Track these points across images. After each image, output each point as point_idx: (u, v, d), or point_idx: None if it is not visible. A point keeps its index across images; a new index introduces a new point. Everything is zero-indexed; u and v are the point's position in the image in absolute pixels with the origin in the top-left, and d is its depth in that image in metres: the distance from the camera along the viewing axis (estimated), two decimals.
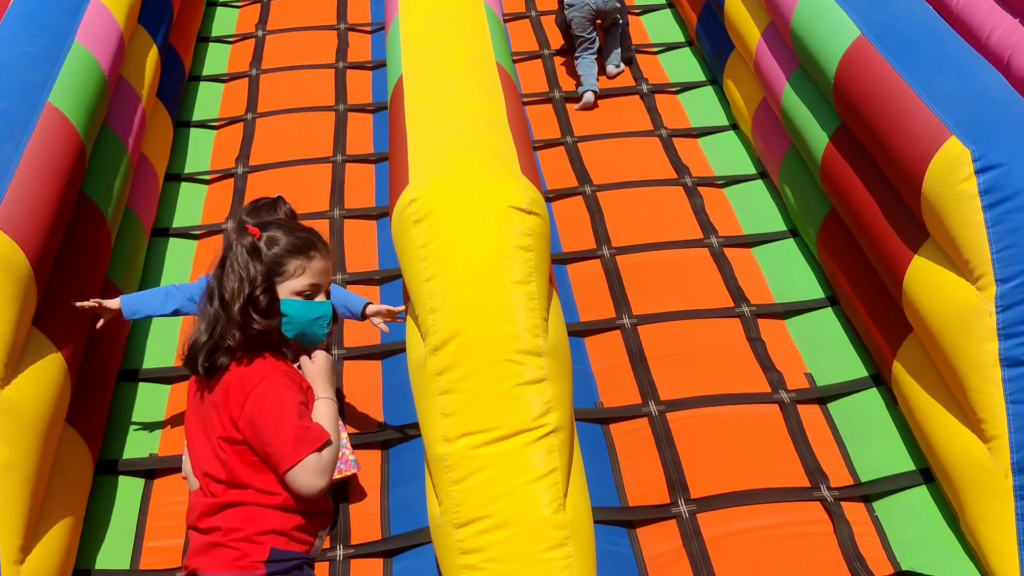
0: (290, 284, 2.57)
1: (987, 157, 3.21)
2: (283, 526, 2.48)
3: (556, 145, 5.38)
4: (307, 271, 2.59)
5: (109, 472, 3.66)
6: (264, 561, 2.47)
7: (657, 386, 3.92)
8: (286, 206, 3.35)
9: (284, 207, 3.33)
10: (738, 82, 5.36)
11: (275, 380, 2.56)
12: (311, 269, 2.60)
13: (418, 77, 3.63)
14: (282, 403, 2.50)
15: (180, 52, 5.74)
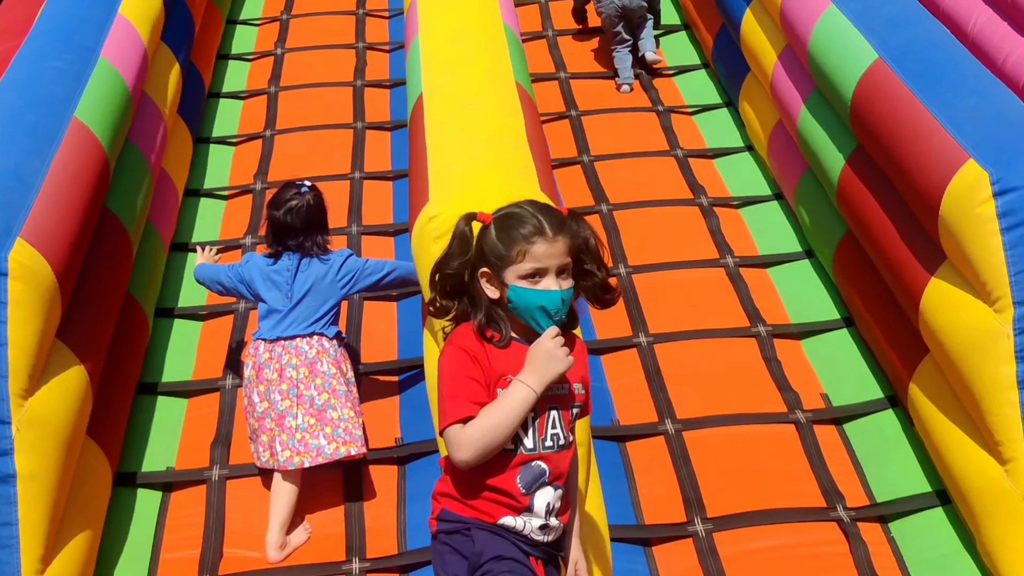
0: (514, 269, 2.48)
1: (1005, 180, 3.22)
2: (451, 490, 2.55)
3: (573, 164, 5.41)
4: (528, 255, 2.49)
5: (127, 484, 3.68)
6: (435, 518, 2.60)
7: (674, 404, 3.93)
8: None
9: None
10: (753, 104, 5.38)
11: (447, 351, 2.56)
12: (532, 254, 2.50)
13: (438, 95, 3.67)
14: (443, 373, 2.54)
15: (200, 69, 5.80)
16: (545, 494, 2.51)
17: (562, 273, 2.49)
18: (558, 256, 2.49)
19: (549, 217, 2.52)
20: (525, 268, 2.46)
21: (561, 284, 2.48)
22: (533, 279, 2.47)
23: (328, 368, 3.57)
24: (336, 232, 4.82)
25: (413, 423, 3.84)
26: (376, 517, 3.53)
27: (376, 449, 3.76)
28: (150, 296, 4.36)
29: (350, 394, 3.59)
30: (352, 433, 3.49)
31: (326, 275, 3.70)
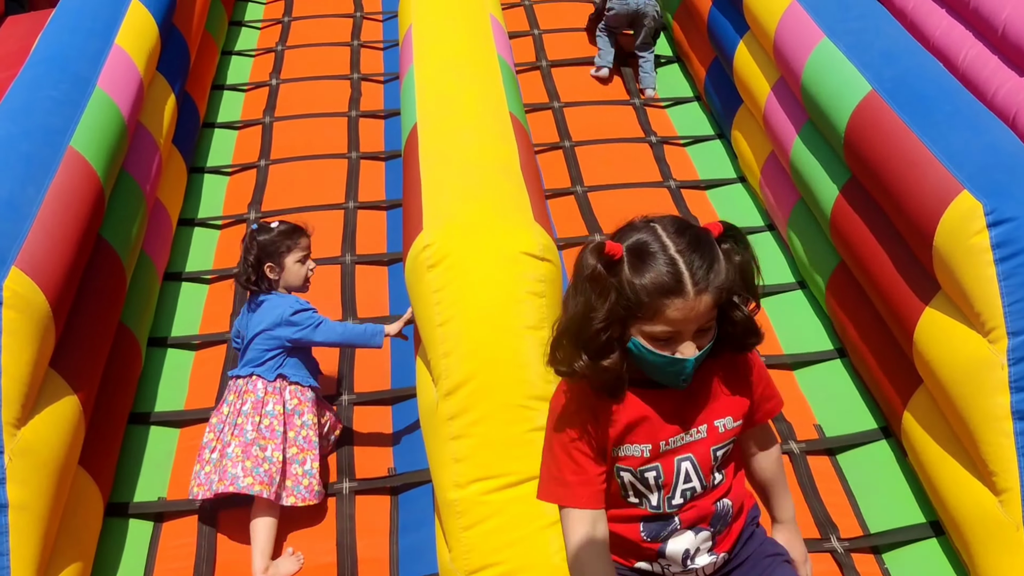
0: (642, 324, 2.04)
1: (999, 211, 3.24)
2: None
3: (567, 194, 5.43)
4: (659, 316, 2.02)
5: (119, 514, 3.66)
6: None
7: None
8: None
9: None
10: (746, 135, 5.42)
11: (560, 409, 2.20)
12: (665, 317, 2.02)
13: (433, 125, 3.69)
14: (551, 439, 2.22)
15: (196, 99, 5.82)
16: (681, 540, 2.27)
17: (701, 332, 2.08)
18: (697, 320, 2.05)
19: (693, 261, 2.01)
20: (655, 330, 2.05)
21: (698, 346, 2.07)
22: (663, 343, 2.07)
23: (250, 409, 3.58)
24: (330, 262, 4.84)
25: (406, 453, 3.83)
26: (369, 547, 3.51)
27: (369, 479, 3.74)
28: (143, 325, 4.35)
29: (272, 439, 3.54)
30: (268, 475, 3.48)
31: (268, 319, 3.66)
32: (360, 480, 3.74)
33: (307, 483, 3.50)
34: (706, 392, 2.19)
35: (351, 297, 4.65)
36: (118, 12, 4.92)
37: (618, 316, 2.08)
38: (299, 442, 3.56)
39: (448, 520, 2.99)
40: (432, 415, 3.11)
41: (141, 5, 5.08)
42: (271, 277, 3.70)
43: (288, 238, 3.72)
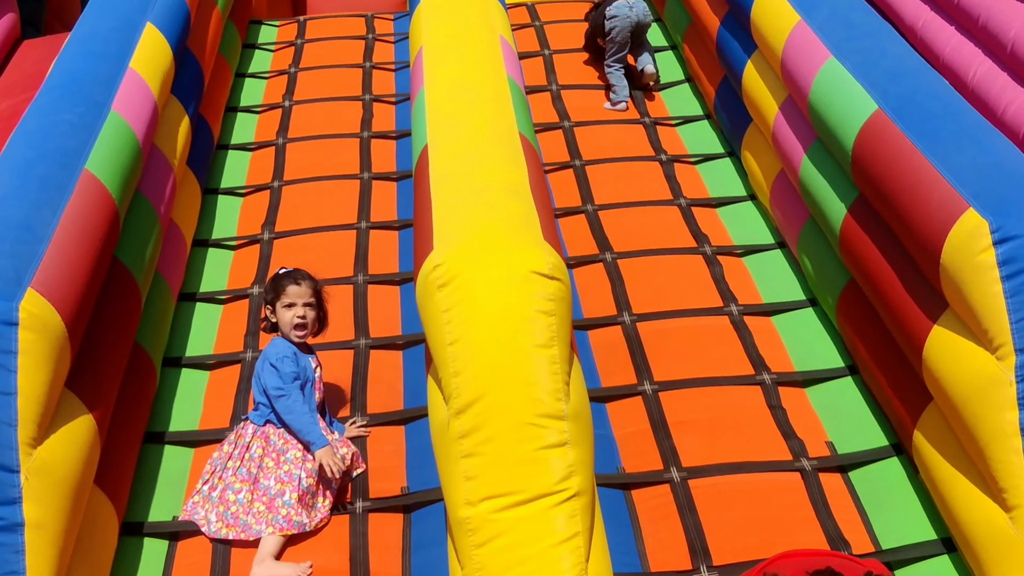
0: None
1: (1005, 228, 3.26)
2: None
3: (577, 213, 5.46)
4: None
5: (134, 534, 3.69)
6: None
7: (679, 452, 3.94)
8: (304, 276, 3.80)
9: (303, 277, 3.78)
10: (756, 154, 5.44)
11: None
12: None
13: (443, 146, 3.73)
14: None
15: (210, 121, 5.88)
16: None
17: None
18: None
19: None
20: None
21: None
22: None
23: (236, 452, 3.72)
24: (343, 282, 4.88)
25: (419, 472, 3.85)
26: (382, 564, 3.52)
27: (382, 498, 3.77)
28: (158, 345, 4.39)
29: (247, 481, 3.65)
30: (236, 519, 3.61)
31: (258, 362, 3.84)
32: (374, 499, 3.76)
33: (284, 513, 3.58)
34: None
35: (363, 316, 4.68)
36: (132, 36, 4.99)
37: None
38: (281, 476, 3.64)
39: (460, 538, 3.02)
40: (443, 434, 3.14)
41: (155, 29, 5.15)
42: (272, 320, 3.88)
43: (276, 283, 3.86)
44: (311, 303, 3.84)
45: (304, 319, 3.81)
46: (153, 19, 5.20)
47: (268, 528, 3.54)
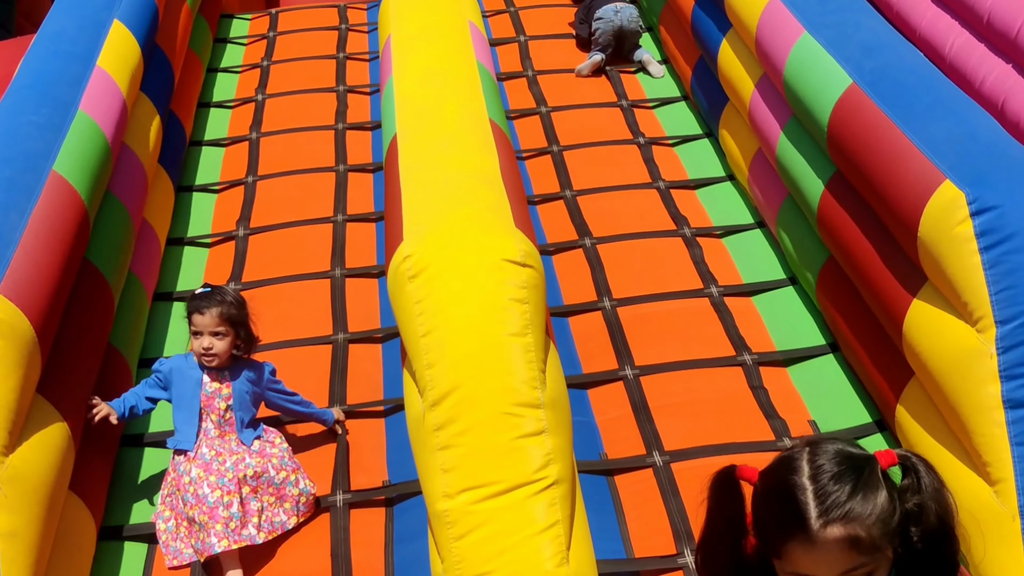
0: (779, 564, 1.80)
1: (982, 199, 3.23)
2: None
3: (556, 199, 5.42)
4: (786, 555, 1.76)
5: (113, 538, 3.65)
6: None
7: (661, 436, 3.91)
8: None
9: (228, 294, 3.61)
10: (733, 134, 5.41)
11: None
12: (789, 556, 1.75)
13: (412, 135, 3.68)
14: None
15: (181, 118, 5.82)
16: None
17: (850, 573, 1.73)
18: (833, 562, 1.71)
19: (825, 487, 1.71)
20: (787, 571, 1.78)
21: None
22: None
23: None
24: (320, 276, 4.84)
25: (400, 464, 3.81)
26: (364, 559, 3.49)
27: (363, 490, 3.73)
28: (133, 347, 4.34)
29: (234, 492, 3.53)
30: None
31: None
32: (354, 492, 3.73)
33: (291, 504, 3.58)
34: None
35: (342, 310, 4.64)
36: (99, 34, 4.93)
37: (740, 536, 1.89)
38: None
39: (439, 531, 2.98)
40: (419, 426, 3.10)
41: (123, 26, 5.08)
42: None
43: (188, 306, 3.66)
44: (219, 332, 3.56)
45: (210, 349, 3.56)
46: (120, 16, 5.14)
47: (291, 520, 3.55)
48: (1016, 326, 3.16)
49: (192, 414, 3.60)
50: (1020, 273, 3.17)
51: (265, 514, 3.52)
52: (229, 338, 3.60)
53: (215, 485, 3.47)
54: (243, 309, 3.65)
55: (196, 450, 3.57)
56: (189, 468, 3.52)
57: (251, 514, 3.47)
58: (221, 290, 3.67)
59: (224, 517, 3.43)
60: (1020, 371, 3.15)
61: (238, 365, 3.68)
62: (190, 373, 3.63)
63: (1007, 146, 3.44)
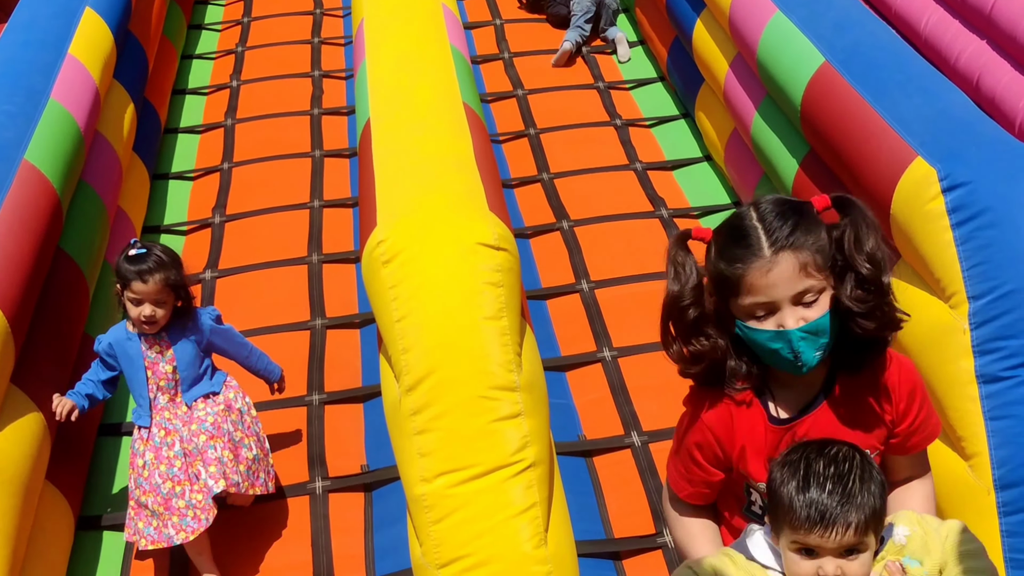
0: (737, 303, 1.97)
1: (954, 176, 3.23)
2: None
3: (533, 182, 5.41)
4: (744, 286, 1.93)
5: (92, 528, 3.64)
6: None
7: (639, 417, 3.92)
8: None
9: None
10: (709, 114, 5.40)
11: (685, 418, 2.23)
12: (747, 285, 1.93)
13: (385, 119, 3.66)
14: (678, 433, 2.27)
15: (156, 105, 5.78)
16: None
17: (805, 300, 1.94)
18: (786, 282, 1.92)
19: (771, 223, 1.94)
20: (746, 303, 1.97)
21: (802, 317, 1.93)
22: (761, 317, 1.97)
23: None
24: (297, 262, 4.82)
25: (379, 449, 3.82)
26: (344, 544, 3.50)
27: (342, 476, 3.73)
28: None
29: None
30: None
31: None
32: (333, 478, 3.73)
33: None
34: (847, 415, 2.04)
35: (319, 296, 4.63)
36: (71, 22, 4.89)
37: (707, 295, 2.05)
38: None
39: (417, 515, 2.98)
40: (396, 411, 3.09)
41: (94, 14, 5.04)
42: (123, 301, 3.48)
43: (121, 270, 3.38)
44: (160, 299, 3.36)
45: (152, 317, 3.36)
46: (92, 4, 5.10)
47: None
48: (988, 301, 3.17)
49: (141, 386, 3.44)
50: (992, 249, 3.18)
51: (224, 473, 3.33)
52: (170, 303, 3.41)
53: (166, 476, 3.34)
54: (181, 268, 3.45)
55: (150, 429, 3.42)
56: (143, 450, 3.40)
57: (207, 487, 3.31)
58: (157, 249, 3.42)
59: (179, 508, 3.31)
60: (993, 346, 3.16)
61: (176, 322, 3.46)
62: (130, 345, 3.43)
63: (978, 122, 3.45)
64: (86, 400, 3.46)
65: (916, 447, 2.21)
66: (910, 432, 2.19)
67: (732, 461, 2.16)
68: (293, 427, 3.95)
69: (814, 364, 2.01)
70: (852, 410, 2.08)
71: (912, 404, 2.16)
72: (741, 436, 2.12)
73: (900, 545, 2.00)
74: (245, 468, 3.42)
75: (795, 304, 1.95)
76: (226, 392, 3.54)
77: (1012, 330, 3.08)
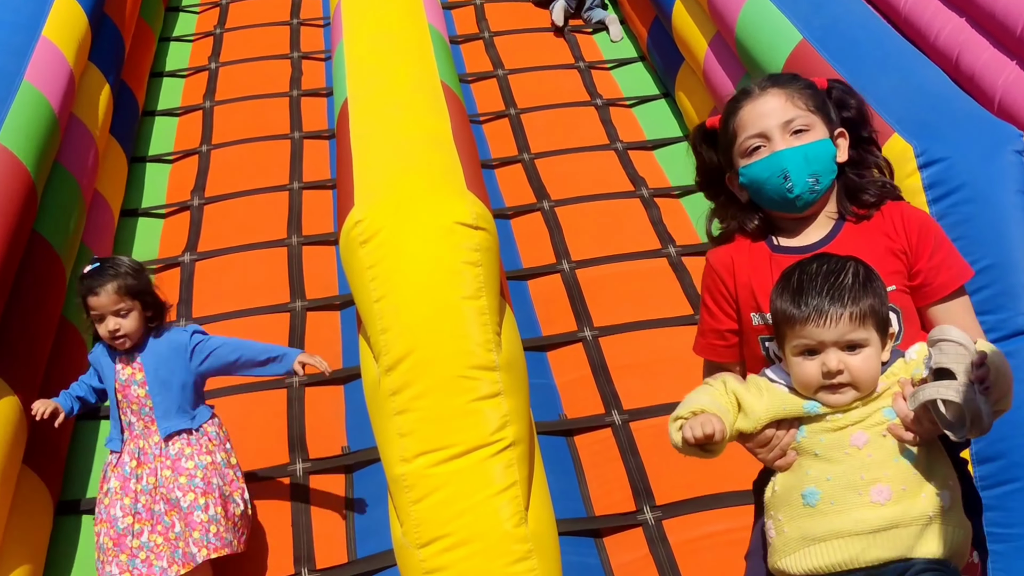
0: (736, 149, 2.14)
1: (930, 152, 3.24)
2: None
3: (514, 163, 5.40)
4: (739, 125, 2.12)
5: (71, 512, 3.62)
6: None
7: (620, 396, 3.92)
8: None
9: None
10: (689, 93, 5.39)
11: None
12: (741, 121, 2.12)
13: (362, 99, 3.64)
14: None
15: (133, 88, 5.74)
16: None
17: (795, 128, 2.11)
18: (773, 111, 2.12)
19: (766, 79, 2.17)
20: (742, 142, 2.14)
21: (790, 142, 2.10)
22: (757, 150, 2.12)
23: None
24: (276, 244, 4.80)
25: (360, 431, 3.81)
26: (324, 525, 3.49)
27: (323, 458, 3.73)
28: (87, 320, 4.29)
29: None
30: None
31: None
32: (314, 460, 3.72)
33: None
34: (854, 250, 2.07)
35: (299, 278, 4.61)
36: (44, 4, 4.84)
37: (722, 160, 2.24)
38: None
39: (397, 495, 2.97)
40: (375, 391, 3.08)
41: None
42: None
43: (79, 289, 3.25)
44: (121, 309, 3.18)
45: (117, 331, 3.18)
46: None
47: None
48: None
49: (114, 408, 3.24)
50: (968, 224, 3.19)
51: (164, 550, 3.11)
52: (136, 312, 3.19)
53: (128, 510, 3.13)
54: (141, 275, 3.24)
55: (121, 455, 3.22)
56: (110, 476, 3.18)
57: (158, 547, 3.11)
58: (111, 261, 3.24)
59: (132, 547, 3.10)
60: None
61: (151, 342, 3.26)
62: (105, 362, 3.25)
63: (955, 98, 3.45)
64: (76, 403, 3.27)
65: (946, 286, 2.14)
66: (932, 269, 2.13)
67: (739, 302, 2.19)
68: (273, 409, 3.94)
69: (808, 197, 2.13)
70: (859, 247, 2.11)
71: (925, 238, 2.15)
72: (746, 274, 2.19)
73: (911, 360, 2.00)
74: (233, 525, 3.21)
75: (786, 133, 2.11)
76: (207, 431, 3.28)
77: (989, 305, 3.09)
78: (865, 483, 1.95)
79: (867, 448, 1.97)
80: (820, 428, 2.01)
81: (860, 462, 1.96)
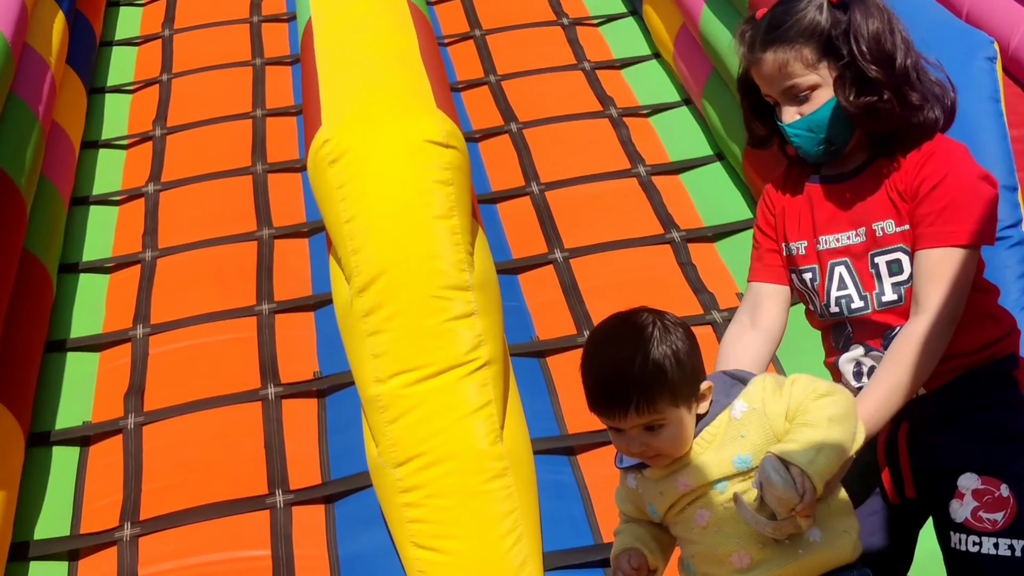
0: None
1: None
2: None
3: (480, 85, 5.33)
4: (754, 80, 2.07)
5: (43, 444, 3.59)
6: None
7: (592, 317, 3.91)
8: None
9: None
10: (657, 9, 5.33)
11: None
12: (754, 78, 2.07)
13: (326, 18, 3.57)
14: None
15: (89, 17, 5.60)
16: (852, 354, 2.15)
17: (797, 98, 2.02)
18: (770, 80, 2.04)
19: (759, 25, 2.05)
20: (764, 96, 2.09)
21: (798, 112, 2.02)
22: (776, 107, 2.08)
23: None
24: (241, 172, 4.73)
25: (331, 356, 3.79)
26: (297, 448, 3.48)
27: (294, 383, 3.71)
28: (52, 252, 4.23)
29: None
30: None
31: None
32: (285, 385, 3.70)
33: None
34: (870, 191, 2.03)
35: (265, 206, 4.56)
36: None
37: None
38: None
39: (372, 415, 2.97)
40: (347, 313, 3.06)
41: None
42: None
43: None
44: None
45: None
46: None
47: None
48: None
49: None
50: None
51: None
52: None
53: None
54: None
55: None
56: None
57: None
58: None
59: None
60: None
61: None
62: None
63: (925, 7, 3.41)
64: None
65: (919, 240, 1.99)
66: (920, 219, 2.00)
67: (780, 225, 2.18)
68: (241, 334, 3.90)
69: (828, 157, 2.09)
70: (881, 182, 2.05)
71: (926, 182, 1.99)
72: (783, 198, 2.18)
73: (735, 420, 1.96)
74: None
75: (789, 100, 2.03)
76: None
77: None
78: (722, 556, 1.95)
79: (711, 525, 1.96)
80: (670, 515, 2.02)
81: (710, 539, 1.96)
